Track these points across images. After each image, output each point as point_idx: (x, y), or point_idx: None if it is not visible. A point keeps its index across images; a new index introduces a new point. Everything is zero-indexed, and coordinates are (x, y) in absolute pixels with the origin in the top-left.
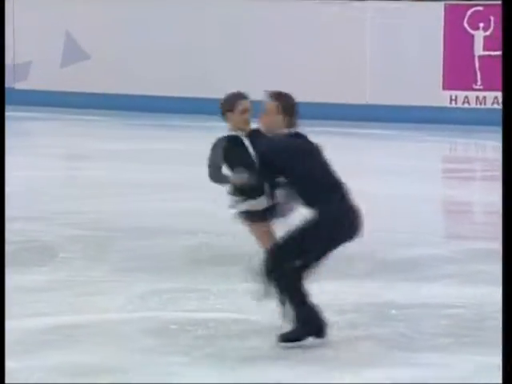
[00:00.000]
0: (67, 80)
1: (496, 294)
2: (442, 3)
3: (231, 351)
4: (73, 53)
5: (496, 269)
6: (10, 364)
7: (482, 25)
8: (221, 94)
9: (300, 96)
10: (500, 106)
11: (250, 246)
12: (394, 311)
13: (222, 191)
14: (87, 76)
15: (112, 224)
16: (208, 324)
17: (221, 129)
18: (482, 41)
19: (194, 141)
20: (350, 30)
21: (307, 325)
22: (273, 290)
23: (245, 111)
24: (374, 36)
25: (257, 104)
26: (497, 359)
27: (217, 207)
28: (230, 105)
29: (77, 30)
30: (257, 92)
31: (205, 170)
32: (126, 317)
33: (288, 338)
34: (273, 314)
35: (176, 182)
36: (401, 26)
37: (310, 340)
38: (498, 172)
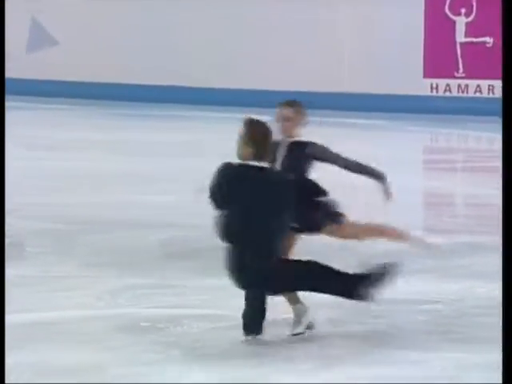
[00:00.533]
0: (34, 67)
1: (476, 288)
2: None
3: (205, 348)
4: (39, 38)
5: (476, 262)
6: None
7: (463, 10)
8: (199, 83)
9: (277, 84)
10: (482, 95)
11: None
12: (372, 307)
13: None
14: (56, 63)
15: (83, 217)
16: (181, 321)
17: (198, 119)
18: (464, 27)
19: (170, 131)
20: (328, 17)
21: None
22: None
23: (288, 119)
24: (354, 23)
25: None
26: (477, 356)
27: (190, 200)
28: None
29: (43, 14)
30: (231, 79)
31: (178, 162)
32: (97, 313)
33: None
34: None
35: (149, 173)
36: (381, 12)
37: (288, 337)
38: (479, 163)
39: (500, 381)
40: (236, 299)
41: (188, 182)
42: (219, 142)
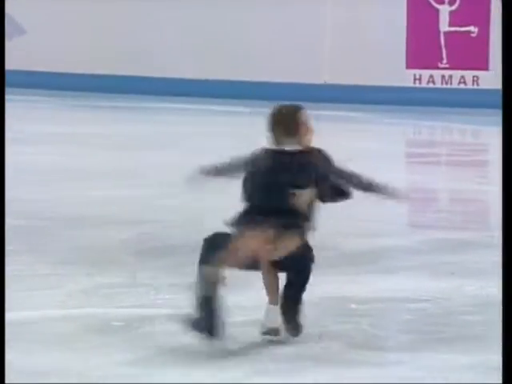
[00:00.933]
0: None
1: (464, 287)
2: None
3: (178, 349)
4: (6, 27)
5: (463, 260)
6: None
7: None
8: (166, 73)
9: (257, 76)
10: (467, 86)
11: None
12: (354, 306)
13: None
14: (24, 52)
15: (52, 213)
16: (153, 320)
17: (166, 110)
18: (448, 16)
19: (139, 124)
20: (309, 7)
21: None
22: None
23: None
24: (335, 11)
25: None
26: (465, 357)
27: (161, 196)
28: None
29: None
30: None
31: (148, 156)
32: (67, 313)
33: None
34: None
35: (119, 168)
36: (362, 1)
37: (267, 337)
38: (464, 157)
39: (500, 381)
40: None
41: (158, 176)
42: (193, 135)
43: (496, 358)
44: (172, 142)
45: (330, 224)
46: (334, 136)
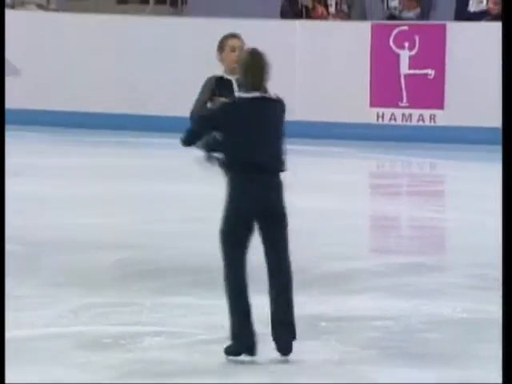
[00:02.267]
0: None
1: (422, 306)
2: (369, 23)
3: (166, 364)
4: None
5: (421, 282)
6: None
7: (407, 44)
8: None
9: None
10: (425, 123)
11: (181, 260)
12: (324, 323)
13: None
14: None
15: (40, 238)
16: (141, 338)
17: (145, 144)
18: (408, 60)
19: (122, 156)
20: (279, 49)
21: (239, 340)
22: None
23: (234, 49)
24: (304, 55)
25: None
26: (426, 372)
27: (147, 222)
28: (220, 44)
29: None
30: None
31: (133, 185)
32: (59, 331)
33: (227, 352)
34: (209, 327)
35: (106, 197)
36: (329, 44)
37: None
38: (422, 187)
39: (500, 381)
40: (192, 317)
41: (138, 203)
42: (168, 166)
43: (450, 372)
44: (154, 172)
45: (304, 250)
46: (304, 168)
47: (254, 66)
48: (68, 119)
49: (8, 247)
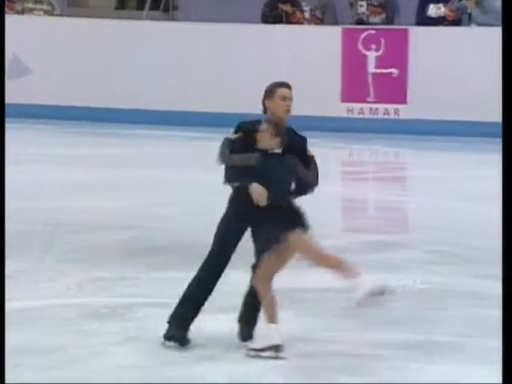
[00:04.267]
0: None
1: (389, 279)
2: (340, 27)
3: (160, 331)
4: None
5: (387, 257)
6: None
7: (374, 46)
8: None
9: (211, 107)
10: (390, 117)
11: (173, 240)
12: (296, 295)
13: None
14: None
15: (54, 220)
16: (137, 308)
17: (138, 136)
18: (374, 60)
19: (120, 147)
20: (263, 52)
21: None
22: None
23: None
24: (285, 56)
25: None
26: (391, 334)
27: (147, 205)
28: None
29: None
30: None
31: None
32: (65, 302)
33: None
34: None
35: (108, 183)
36: (305, 47)
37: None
38: (387, 173)
39: (500, 381)
40: (181, 290)
41: (141, 189)
42: (166, 155)
43: (413, 335)
44: (152, 160)
45: None
46: None
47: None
48: (69, 112)
49: (31, 227)
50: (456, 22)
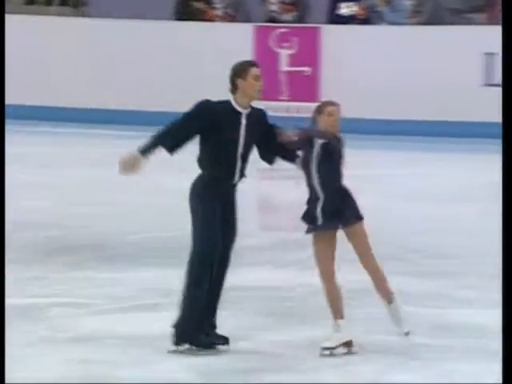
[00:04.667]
0: None
1: (305, 277)
2: (251, 25)
3: (68, 331)
4: None
5: (301, 255)
6: None
7: (286, 44)
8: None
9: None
10: (301, 114)
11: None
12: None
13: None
14: None
15: None
16: (49, 308)
17: (68, 135)
18: (287, 58)
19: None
20: (178, 47)
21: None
22: None
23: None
24: (200, 51)
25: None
26: (315, 331)
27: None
28: (319, 108)
29: None
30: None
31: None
32: None
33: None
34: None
35: (39, 183)
36: (218, 44)
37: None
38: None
39: (500, 381)
40: (94, 289)
41: (62, 188)
42: (87, 153)
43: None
44: (73, 159)
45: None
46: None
47: None
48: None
49: None
50: (366, 21)
